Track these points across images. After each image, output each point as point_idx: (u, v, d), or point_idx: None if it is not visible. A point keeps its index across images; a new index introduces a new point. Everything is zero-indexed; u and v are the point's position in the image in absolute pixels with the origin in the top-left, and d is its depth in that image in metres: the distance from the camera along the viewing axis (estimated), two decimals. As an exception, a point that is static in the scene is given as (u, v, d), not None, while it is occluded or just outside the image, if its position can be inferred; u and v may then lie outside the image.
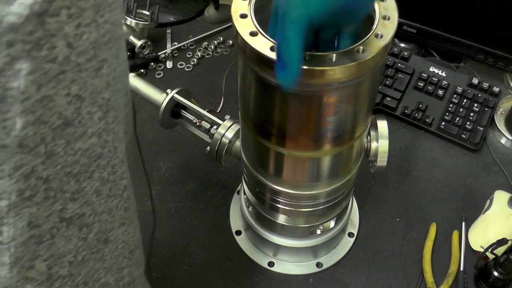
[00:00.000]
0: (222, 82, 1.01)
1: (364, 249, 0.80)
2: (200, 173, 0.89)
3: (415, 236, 0.82)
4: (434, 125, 0.94)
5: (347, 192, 0.68)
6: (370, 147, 0.64)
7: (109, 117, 0.36)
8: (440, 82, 0.97)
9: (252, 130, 0.58)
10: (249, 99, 0.56)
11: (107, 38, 0.33)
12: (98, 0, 0.31)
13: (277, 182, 0.63)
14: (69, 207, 0.36)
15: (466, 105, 0.95)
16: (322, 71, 0.45)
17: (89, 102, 0.33)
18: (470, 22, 0.97)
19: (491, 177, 0.89)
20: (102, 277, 0.43)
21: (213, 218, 0.84)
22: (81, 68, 0.31)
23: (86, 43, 0.31)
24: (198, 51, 1.08)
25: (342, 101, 0.50)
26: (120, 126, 0.39)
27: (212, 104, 0.98)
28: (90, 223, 0.38)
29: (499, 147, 0.94)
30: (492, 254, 0.75)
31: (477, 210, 0.84)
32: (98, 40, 0.32)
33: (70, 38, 0.30)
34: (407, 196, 0.86)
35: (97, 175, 0.37)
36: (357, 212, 0.84)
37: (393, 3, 0.50)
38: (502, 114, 0.97)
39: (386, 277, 0.77)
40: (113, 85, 0.36)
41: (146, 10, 1.04)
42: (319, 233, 0.74)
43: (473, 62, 1.03)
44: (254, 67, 0.48)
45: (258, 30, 0.47)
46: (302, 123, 0.53)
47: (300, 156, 0.58)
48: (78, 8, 0.29)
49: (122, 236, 0.44)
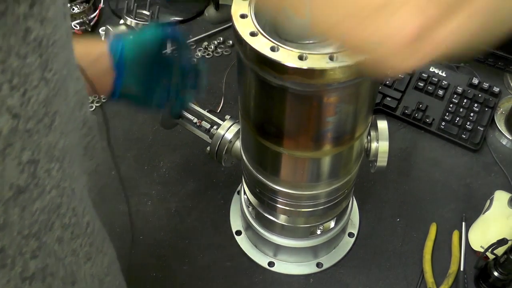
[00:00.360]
0: (222, 82, 1.01)
1: (364, 249, 0.80)
2: (200, 173, 0.89)
3: (415, 236, 0.82)
4: (434, 125, 0.94)
5: (347, 192, 0.68)
6: (370, 147, 0.64)
7: (65, 163, 0.34)
8: (440, 82, 0.97)
9: (252, 130, 0.58)
10: (249, 99, 0.56)
11: (58, 86, 0.30)
12: (45, 55, 0.28)
13: (277, 182, 0.63)
14: (30, 266, 0.33)
15: (466, 105, 0.95)
16: (322, 71, 0.44)
17: (45, 161, 0.31)
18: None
19: (491, 177, 0.89)
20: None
21: (213, 218, 0.84)
22: (32, 133, 0.28)
23: (35, 105, 0.28)
24: (198, 51, 1.08)
25: (342, 101, 0.50)
26: (76, 165, 0.36)
27: (212, 104, 0.98)
28: (54, 271, 0.36)
29: (499, 147, 0.94)
30: (492, 254, 0.75)
31: (477, 210, 0.84)
32: (48, 95, 0.29)
33: (16, 109, 0.27)
34: (407, 196, 0.86)
35: (58, 224, 0.35)
36: (357, 212, 0.84)
37: (393, 3, 0.50)
38: (502, 114, 0.97)
39: (386, 277, 0.77)
40: (66, 131, 0.33)
41: (146, 10, 1.04)
42: (319, 233, 0.74)
43: (473, 62, 1.03)
44: (254, 67, 0.48)
45: (258, 30, 0.47)
46: (302, 123, 0.53)
47: (300, 156, 0.58)
48: (23, 76, 0.26)
49: (90, 270, 0.41)
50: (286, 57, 0.45)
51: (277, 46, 0.45)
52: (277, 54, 0.45)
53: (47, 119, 0.30)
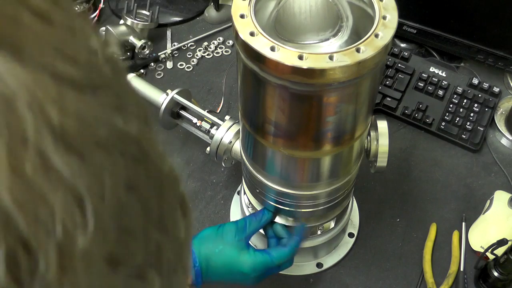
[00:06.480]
0: (222, 82, 1.01)
1: (364, 249, 0.80)
2: (200, 173, 0.89)
3: (415, 236, 0.82)
4: (434, 125, 0.94)
5: (347, 193, 0.68)
6: (370, 147, 0.64)
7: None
8: (440, 82, 0.97)
9: (252, 130, 0.58)
10: (249, 99, 0.56)
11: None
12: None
13: (277, 182, 0.63)
14: None
15: (466, 105, 0.95)
16: (322, 71, 0.44)
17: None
18: (470, 22, 0.97)
19: (491, 177, 0.89)
20: None
21: (213, 218, 0.83)
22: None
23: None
24: (198, 51, 1.08)
25: (342, 101, 0.50)
26: None
27: (212, 104, 0.98)
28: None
29: (499, 147, 0.94)
30: (492, 255, 0.74)
31: (477, 210, 0.84)
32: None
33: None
34: (407, 196, 0.86)
35: None
36: (357, 212, 0.84)
37: (392, 3, 0.50)
38: (502, 114, 0.97)
39: (386, 277, 0.77)
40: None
41: (146, 10, 1.04)
42: (319, 234, 0.74)
43: (473, 62, 1.03)
44: (254, 67, 0.48)
45: (258, 30, 0.47)
46: (302, 123, 0.53)
47: (300, 156, 0.58)
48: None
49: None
50: (286, 57, 0.45)
51: (277, 46, 0.45)
52: (277, 54, 0.45)
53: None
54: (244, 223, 0.66)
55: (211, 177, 0.88)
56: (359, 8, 0.53)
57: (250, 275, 0.63)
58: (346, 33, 0.55)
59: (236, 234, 0.64)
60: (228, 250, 0.63)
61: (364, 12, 0.52)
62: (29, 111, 0.15)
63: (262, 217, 0.67)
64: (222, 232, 0.65)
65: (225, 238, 0.64)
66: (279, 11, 0.54)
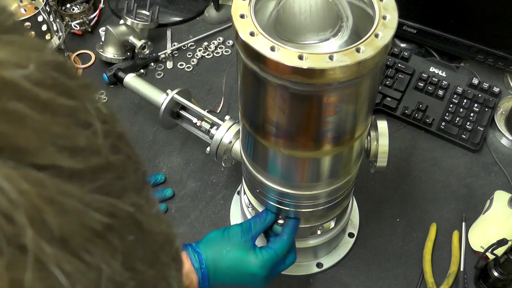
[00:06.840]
0: (222, 82, 1.01)
1: (364, 249, 0.80)
2: (200, 173, 0.89)
3: (415, 236, 0.82)
4: (434, 125, 0.94)
5: (347, 193, 0.68)
6: (370, 147, 0.64)
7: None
8: (440, 82, 0.97)
9: (252, 130, 0.58)
10: (249, 99, 0.56)
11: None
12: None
13: (277, 182, 0.63)
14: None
15: (466, 105, 0.95)
16: (322, 71, 0.44)
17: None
18: (470, 22, 0.97)
19: (491, 177, 0.89)
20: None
21: (213, 218, 0.83)
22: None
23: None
24: (198, 51, 1.08)
25: (342, 101, 0.50)
26: None
27: (212, 104, 0.98)
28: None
29: (499, 147, 0.94)
30: (492, 255, 0.74)
31: (477, 210, 0.84)
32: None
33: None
34: (407, 196, 0.86)
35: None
36: (357, 212, 0.84)
37: (392, 3, 0.50)
38: (502, 114, 0.97)
39: (386, 277, 0.77)
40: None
41: (146, 10, 1.04)
42: (319, 234, 0.74)
43: (473, 62, 1.03)
44: (254, 67, 0.48)
45: (258, 30, 0.47)
46: (302, 123, 0.53)
47: (300, 156, 0.58)
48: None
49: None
50: (285, 57, 0.45)
51: (277, 46, 0.45)
52: (277, 54, 0.45)
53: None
54: (248, 224, 0.66)
55: (211, 177, 0.88)
56: (359, 8, 0.53)
57: (258, 275, 0.63)
58: (346, 33, 0.55)
59: (242, 236, 0.64)
60: (236, 251, 0.63)
61: (364, 12, 0.52)
62: (28, 221, 0.15)
63: (266, 218, 0.67)
64: (228, 234, 0.65)
65: (231, 239, 0.64)
66: (279, 11, 0.54)
